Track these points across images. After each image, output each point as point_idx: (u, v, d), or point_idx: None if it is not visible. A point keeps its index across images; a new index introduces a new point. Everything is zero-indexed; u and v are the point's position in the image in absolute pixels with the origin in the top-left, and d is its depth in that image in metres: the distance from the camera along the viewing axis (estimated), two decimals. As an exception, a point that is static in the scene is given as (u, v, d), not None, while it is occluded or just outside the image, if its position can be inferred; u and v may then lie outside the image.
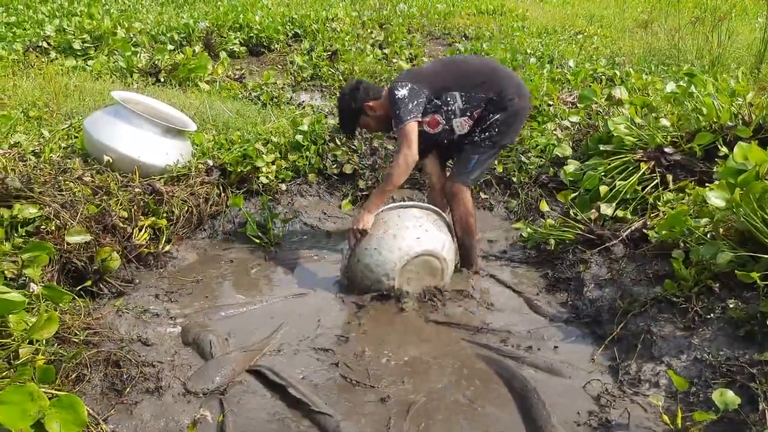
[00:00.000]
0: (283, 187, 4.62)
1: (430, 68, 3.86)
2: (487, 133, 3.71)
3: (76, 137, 4.59)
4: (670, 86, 4.96)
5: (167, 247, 3.89)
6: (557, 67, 7.63)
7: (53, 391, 2.08)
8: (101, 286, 3.41)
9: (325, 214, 4.61)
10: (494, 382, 2.92)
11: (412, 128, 3.50)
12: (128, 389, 2.57)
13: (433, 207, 3.74)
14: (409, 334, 3.27)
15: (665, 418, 2.48)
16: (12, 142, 4.30)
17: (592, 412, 2.69)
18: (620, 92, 4.98)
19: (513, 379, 2.89)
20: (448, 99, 3.67)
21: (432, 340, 3.24)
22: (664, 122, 4.43)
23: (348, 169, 4.80)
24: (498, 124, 3.68)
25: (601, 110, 5.21)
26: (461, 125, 3.74)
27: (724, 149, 3.90)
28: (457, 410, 2.70)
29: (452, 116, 3.71)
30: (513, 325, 3.39)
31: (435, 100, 3.66)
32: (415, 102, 3.53)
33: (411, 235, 3.45)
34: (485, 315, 3.49)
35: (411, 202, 3.84)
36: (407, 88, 3.56)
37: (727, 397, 2.36)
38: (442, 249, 3.54)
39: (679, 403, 2.59)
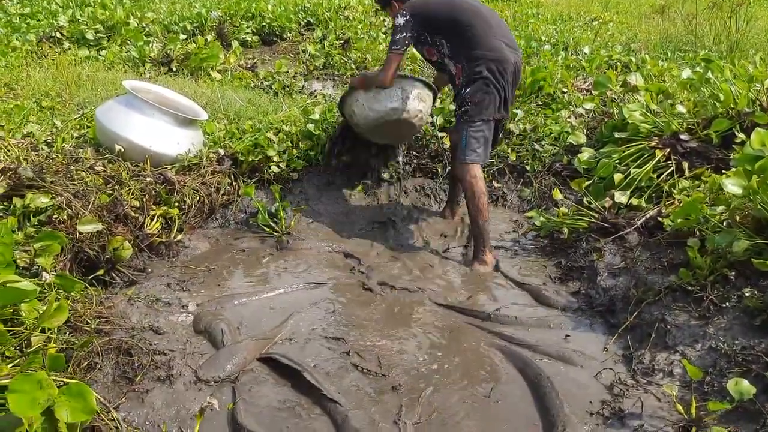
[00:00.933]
0: (295, 176, 4.60)
1: (442, 7, 3.96)
2: (462, 108, 3.89)
3: (88, 127, 4.61)
4: (687, 72, 4.88)
5: (179, 237, 3.89)
6: (572, 54, 7.53)
7: (64, 379, 2.09)
8: (113, 275, 3.42)
9: (336, 203, 4.59)
10: (506, 371, 2.90)
11: (393, 59, 3.94)
12: (139, 377, 2.58)
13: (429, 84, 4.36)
14: (421, 324, 3.25)
15: (679, 407, 2.45)
16: (25, 132, 4.33)
17: (605, 401, 2.66)
18: (636, 79, 4.91)
19: (525, 368, 2.87)
20: (438, 43, 3.97)
21: (444, 330, 3.22)
22: (680, 109, 4.37)
23: (360, 159, 4.78)
24: (468, 97, 3.82)
25: (616, 97, 5.14)
26: (451, 67, 3.98)
27: (741, 136, 3.84)
28: (468, 398, 2.68)
29: (443, 57, 4.00)
30: (524, 313, 3.37)
31: (428, 38, 3.98)
32: (405, 34, 3.89)
33: (390, 101, 4.22)
34: (496, 304, 3.46)
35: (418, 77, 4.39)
36: (405, 18, 3.90)
37: (742, 387, 2.33)
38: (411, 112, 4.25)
39: (693, 392, 2.55)
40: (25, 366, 2.00)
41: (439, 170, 4.85)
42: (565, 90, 5.77)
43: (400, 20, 3.90)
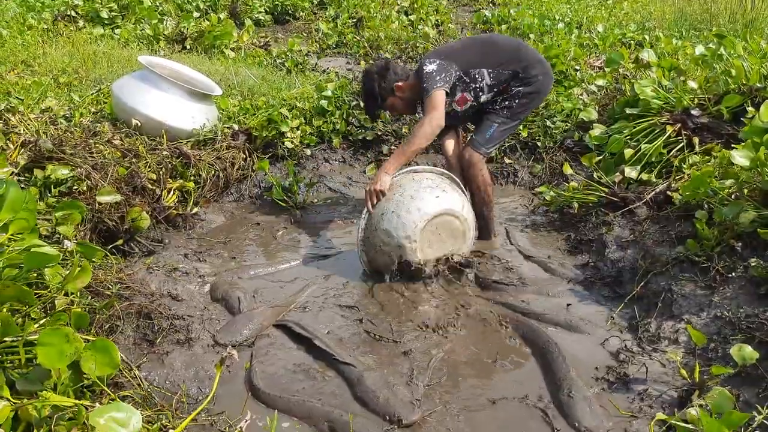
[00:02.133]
0: (308, 152, 4.67)
1: (458, 45, 3.91)
2: (507, 102, 3.72)
3: (105, 102, 4.69)
4: (699, 49, 4.88)
5: (195, 210, 3.98)
6: (585, 33, 7.52)
7: (89, 337, 2.18)
8: (132, 245, 3.52)
9: (349, 178, 4.66)
10: (514, 337, 2.97)
11: (440, 95, 3.48)
12: (159, 340, 2.67)
13: (445, 171, 3.69)
14: (431, 293, 3.32)
15: (683, 372, 2.51)
16: (43, 107, 4.41)
17: (610, 367, 2.72)
18: (648, 55, 4.91)
19: (533, 334, 2.93)
20: (476, 76, 3.66)
21: (454, 299, 3.29)
22: (692, 84, 4.38)
23: (370, 135, 4.83)
24: (520, 95, 3.71)
25: (629, 74, 5.15)
26: (487, 97, 3.75)
27: (752, 111, 3.85)
28: (477, 363, 2.76)
29: (480, 93, 3.71)
30: (533, 284, 3.43)
31: (464, 77, 3.65)
32: (444, 74, 3.52)
33: (429, 195, 3.33)
34: (506, 275, 3.53)
35: (423, 166, 3.81)
36: (436, 63, 3.56)
37: (745, 352, 2.38)
38: (462, 209, 3.43)
39: (697, 358, 2.61)
40: (52, 322, 2.08)
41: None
42: (577, 67, 5.78)
43: (432, 66, 3.53)
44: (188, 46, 6.76)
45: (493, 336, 2.98)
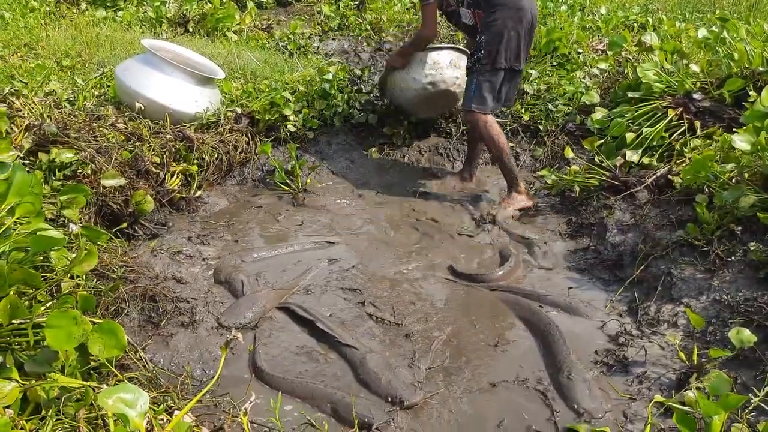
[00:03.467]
0: (311, 135, 4.68)
1: None
2: (475, 56, 3.97)
3: (108, 86, 4.69)
4: (702, 32, 4.86)
5: (198, 193, 4.00)
6: (588, 15, 7.47)
7: (95, 319, 2.21)
8: (136, 228, 3.54)
9: (352, 162, 4.67)
10: (515, 320, 3.00)
11: (428, 9, 4.02)
12: (164, 322, 2.71)
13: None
14: (433, 278, 3.35)
15: (681, 354, 2.54)
16: (47, 91, 4.42)
17: (609, 350, 2.76)
18: (651, 38, 4.90)
19: (534, 317, 2.96)
20: None
21: (455, 283, 3.32)
22: (694, 68, 4.37)
23: (372, 119, 4.83)
24: (483, 45, 3.90)
25: (631, 57, 5.14)
26: (466, 15, 4.09)
27: (754, 95, 3.85)
28: (479, 345, 2.79)
29: (460, 4, 4.09)
30: (534, 266, 3.47)
31: None
32: None
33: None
34: (507, 258, 3.55)
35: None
36: None
37: (743, 335, 2.40)
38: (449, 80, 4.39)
39: (695, 341, 2.64)
40: (59, 305, 2.12)
41: (453, 130, 4.90)
42: (580, 50, 5.76)
43: None
44: (191, 29, 6.73)
45: (495, 319, 3.01)
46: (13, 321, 1.94)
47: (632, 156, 4.04)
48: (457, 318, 2.99)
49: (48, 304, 2.35)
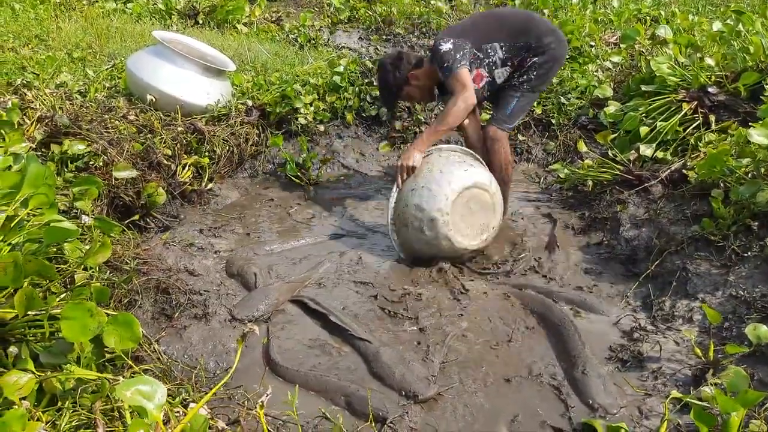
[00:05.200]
0: (321, 128, 4.66)
1: (468, 22, 3.85)
2: (525, 77, 3.65)
3: (119, 78, 4.68)
4: (717, 25, 4.82)
5: (210, 185, 4.00)
6: (600, 8, 7.42)
7: (109, 311, 2.20)
8: (148, 220, 3.54)
9: (362, 155, 4.66)
10: (529, 315, 2.98)
11: (465, 72, 3.45)
12: (177, 314, 2.71)
13: (469, 150, 3.67)
14: (446, 272, 3.33)
15: (697, 350, 2.52)
16: (58, 82, 4.41)
17: (624, 345, 2.74)
18: (665, 32, 4.85)
19: (548, 312, 2.94)
20: (489, 50, 3.60)
21: (468, 277, 3.31)
22: (709, 61, 4.33)
23: (383, 113, 4.81)
24: (536, 67, 3.63)
25: (644, 51, 5.09)
26: (502, 75, 3.68)
27: (770, 88, 3.81)
28: (492, 340, 2.78)
29: (494, 67, 3.63)
30: (546, 262, 3.44)
31: (477, 53, 3.58)
32: (462, 53, 3.47)
33: (458, 169, 3.33)
34: (519, 253, 3.53)
35: (448, 145, 3.75)
36: (450, 42, 3.51)
37: (760, 331, 2.39)
38: (490, 183, 3.43)
39: (711, 337, 2.62)
40: (73, 297, 2.11)
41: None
42: (592, 44, 5.72)
43: (447, 45, 3.48)
44: (200, 21, 6.71)
45: (508, 313, 2.99)
46: (29, 312, 1.93)
47: (646, 150, 4.00)
48: (470, 312, 2.98)
49: (62, 296, 2.36)
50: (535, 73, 3.65)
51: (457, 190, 3.26)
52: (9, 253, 1.88)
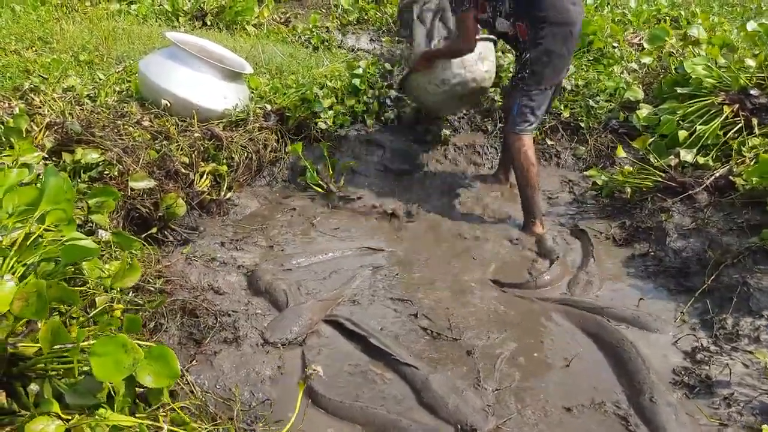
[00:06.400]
0: (342, 133, 4.44)
1: None
2: (519, 74, 3.59)
3: (129, 81, 4.47)
4: (751, 25, 4.63)
5: (228, 194, 3.78)
6: (616, 9, 7.22)
7: (138, 341, 1.99)
8: (166, 233, 3.32)
9: (386, 161, 4.42)
10: (581, 334, 2.78)
11: (466, 18, 3.61)
12: (207, 339, 2.48)
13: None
14: (487, 287, 3.13)
15: (774, 375, 2.32)
16: (65, 86, 4.19)
17: (687, 368, 2.55)
18: (697, 31, 4.65)
19: (603, 332, 2.74)
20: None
21: (508, 292, 3.11)
22: (749, 62, 4.14)
23: (404, 116, 4.60)
24: (528, 63, 3.51)
25: (674, 51, 4.90)
26: (504, 25, 3.66)
27: (818, 91, 3.63)
28: (545, 363, 2.58)
29: (498, 14, 3.63)
30: (588, 275, 3.23)
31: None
32: None
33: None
34: (554, 264, 3.32)
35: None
36: None
37: None
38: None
39: (787, 360, 2.42)
40: (101, 328, 1.90)
41: (490, 127, 4.66)
42: (615, 45, 5.52)
43: None
44: (208, 22, 6.49)
45: (558, 333, 2.79)
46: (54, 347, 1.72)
47: (686, 155, 3.81)
48: (518, 333, 2.77)
49: (82, 320, 2.14)
50: (527, 71, 3.54)
51: (444, 92, 4.06)
52: (33, 282, 1.66)
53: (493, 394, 2.37)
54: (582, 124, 4.59)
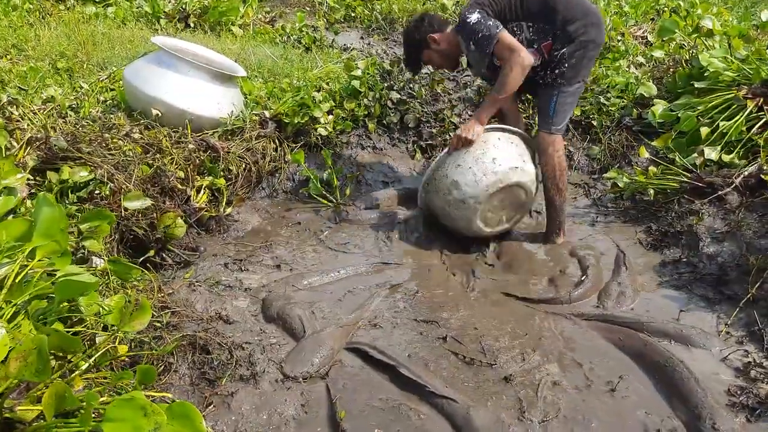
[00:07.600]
0: (344, 139, 4.19)
1: None
2: (557, 71, 3.28)
3: (113, 89, 4.18)
4: (766, 14, 4.46)
5: (228, 210, 3.52)
6: (614, 0, 7.04)
7: (153, 393, 1.74)
8: (164, 255, 3.06)
9: (392, 168, 4.19)
10: (623, 354, 2.57)
11: (507, 36, 3.17)
12: (223, 379, 2.23)
13: (529, 138, 3.47)
14: (515, 302, 2.91)
15: None
16: (45, 97, 3.89)
17: (743, 388, 2.34)
18: (711, 22, 4.47)
19: (647, 350, 2.53)
20: (515, 29, 3.28)
21: (538, 308, 2.89)
22: (769, 54, 3.96)
23: (408, 119, 4.36)
24: (566, 57, 3.25)
25: (685, 44, 4.72)
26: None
27: None
28: (590, 389, 2.36)
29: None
30: (625, 287, 3.02)
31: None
32: (490, 22, 3.20)
33: (510, 163, 3.23)
34: (593, 278, 3.11)
35: (512, 127, 3.42)
36: (477, 11, 3.24)
37: None
38: (533, 184, 3.36)
39: None
40: (113, 382, 1.64)
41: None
42: (620, 38, 5.34)
43: (475, 15, 3.20)
44: (192, 24, 6.19)
45: (598, 352, 2.58)
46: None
47: (710, 153, 3.63)
48: (555, 354, 2.55)
49: (83, 366, 1.88)
50: (566, 65, 3.26)
51: (500, 186, 3.22)
52: (30, 337, 1.40)
53: (540, 427, 2.15)
54: (594, 123, 4.39)
